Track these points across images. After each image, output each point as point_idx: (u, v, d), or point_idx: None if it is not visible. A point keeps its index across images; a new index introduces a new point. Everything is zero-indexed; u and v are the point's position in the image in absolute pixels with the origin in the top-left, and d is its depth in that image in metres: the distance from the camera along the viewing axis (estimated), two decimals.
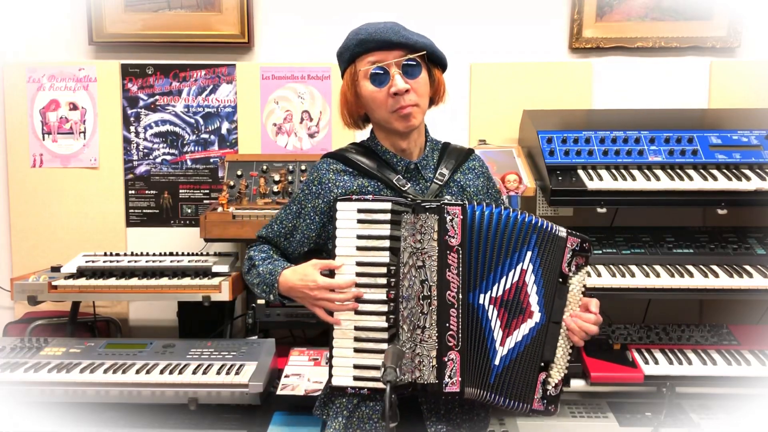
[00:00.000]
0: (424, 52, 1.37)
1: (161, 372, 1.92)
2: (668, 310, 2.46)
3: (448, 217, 1.31)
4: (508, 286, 1.34)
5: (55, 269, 2.24)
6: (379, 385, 1.29)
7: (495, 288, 1.33)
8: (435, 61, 1.44)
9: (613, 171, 2.08)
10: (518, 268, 1.34)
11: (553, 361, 1.36)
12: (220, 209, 2.23)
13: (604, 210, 2.02)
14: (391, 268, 1.32)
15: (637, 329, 2.16)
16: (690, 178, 2.03)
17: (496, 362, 1.33)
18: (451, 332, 1.31)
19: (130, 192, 2.65)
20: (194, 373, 1.91)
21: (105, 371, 1.92)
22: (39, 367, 1.95)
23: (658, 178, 2.03)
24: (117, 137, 2.62)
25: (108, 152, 2.62)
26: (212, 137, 2.64)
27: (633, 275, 2.00)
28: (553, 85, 2.57)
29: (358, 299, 1.33)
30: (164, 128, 2.64)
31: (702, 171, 2.06)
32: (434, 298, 1.31)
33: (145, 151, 2.64)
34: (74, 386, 1.89)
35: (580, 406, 2.05)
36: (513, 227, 1.34)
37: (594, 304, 1.37)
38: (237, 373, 1.90)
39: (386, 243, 1.32)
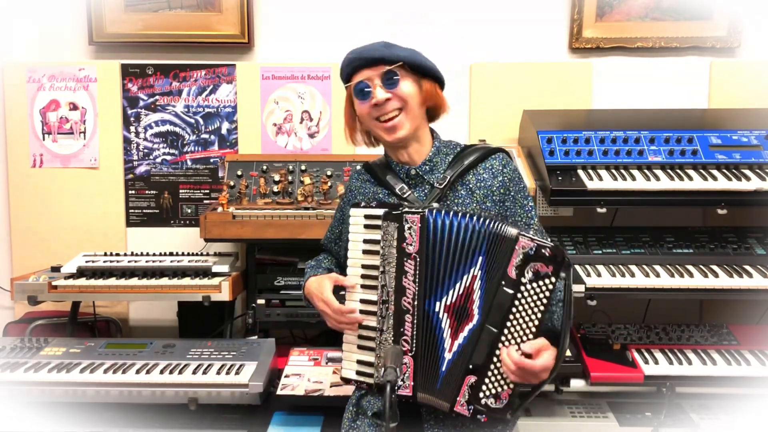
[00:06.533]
0: (401, 63, 1.42)
1: (161, 372, 1.92)
2: (668, 310, 2.46)
3: (407, 225, 1.35)
4: (460, 292, 1.34)
5: (55, 269, 2.24)
6: (370, 381, 1.41)
7: (450, 295, 1.34)
8: (422, 72, 1.46)
9: (613, 171, 2.08)
10: (470, 273, 1.33)
11: (488, 368, 1.30)
12: (220, 209, 2.23)
13: (604, 210, 2.02)
14: (379, 269, 1.39)
15: (637, 329, 2.17)
16: (690, 178, 2.03)
17: (443, 368, 1.35)
18: (405, 337, 1.35)
19: (130, 192, 2.65)
20: (194, 373, 1.91)
21: (105, 371, 1.92)
22: (39, 367, 1.95)
23: (658, 178, 2.03)
24: (117, 137, 2.63)
25: (108, 152, 2.62)
26: (212, 137, 2.64)
27: (633, 275, 2.00)
28: (553, 85, 2.57)
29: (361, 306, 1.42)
30: (164, 128, 2.64)
31: (702, 171, 2.06)
32: (391, 303, 1.36)
33: (145, 151, 2.64)
34: (74, 386, 1.89)
35: (580, 406, 2.05)
36: (466, 233, 1.33)
37: (540, 343, 1.27)
38: (237, 373, 1.90)
39: (378, 247, 1.39)
